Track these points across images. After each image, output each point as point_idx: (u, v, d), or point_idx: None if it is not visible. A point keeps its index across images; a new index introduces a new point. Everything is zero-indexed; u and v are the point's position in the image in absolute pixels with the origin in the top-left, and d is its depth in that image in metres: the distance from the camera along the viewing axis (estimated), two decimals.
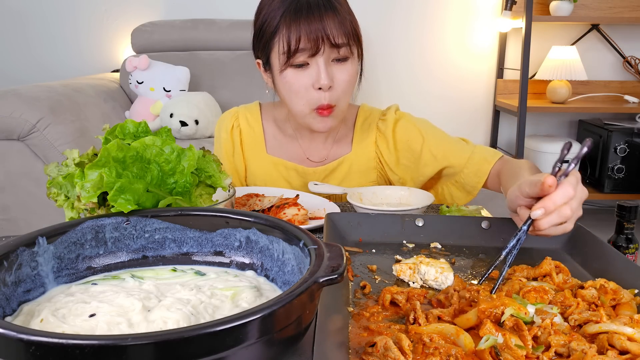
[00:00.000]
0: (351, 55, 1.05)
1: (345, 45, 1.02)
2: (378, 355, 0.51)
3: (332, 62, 1.04)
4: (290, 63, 1.02)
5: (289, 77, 1.04)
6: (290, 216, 0.95)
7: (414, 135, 1.17)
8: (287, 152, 1.22)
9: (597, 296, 0.63)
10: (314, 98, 1.04)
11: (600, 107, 2.82)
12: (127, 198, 0.62)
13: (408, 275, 0.71)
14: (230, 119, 1.24)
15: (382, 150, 1.20)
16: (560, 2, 2.72)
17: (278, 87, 1.10)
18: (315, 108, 1.05)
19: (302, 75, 1.03)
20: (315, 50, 1.00)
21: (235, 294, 0.57)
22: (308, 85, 1.04)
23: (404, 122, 1.19)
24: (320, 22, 0.99)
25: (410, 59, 2.98)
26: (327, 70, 1.02)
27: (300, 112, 1.08)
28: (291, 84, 1.05)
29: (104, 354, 0.39)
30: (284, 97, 1.09)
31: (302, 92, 1.05)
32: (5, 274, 0.54)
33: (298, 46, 1.00)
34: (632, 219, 1.19)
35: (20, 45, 2.93)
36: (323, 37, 0.99)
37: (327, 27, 0.99)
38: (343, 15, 1.01)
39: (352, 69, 1.06)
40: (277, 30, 1.01)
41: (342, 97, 1.06)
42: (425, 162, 1.16)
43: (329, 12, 1.00)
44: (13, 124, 1.95)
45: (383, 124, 1.20)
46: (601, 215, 3.09)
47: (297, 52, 1.00)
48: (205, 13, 2.85)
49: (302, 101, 1.06)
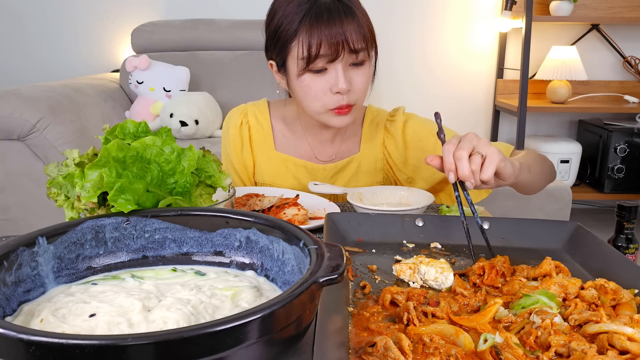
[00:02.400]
0: (367, 59, 1.06)
1: (363, 49, 1.02)
2: (378, 355, 0.51)
3: (350, 66, 1.04)
4: (310, 68, 1.02)
5: (306, 81, 1.04)
6: (290, 216, 0.95)
7: (425, 135, 1.18)
8: (296, 150, 1.22)
9: (597, 296, 0.63)
10: (332, 100, 1.05)
11: (600, 107, 2.82)
12: (127, 198, 0.62)
13: (408, 275, 0.71)
14: (239, 116, 1.24)
15: (390, 151, 1.20)
16: (560, 2, 2.72)
17: (294, 90, 1.10)
18: (332, 108, 1.06)
19: (321, 80, 1.03)
20: (335, 56, 1.00)
21: (235, 294, 0.57)
22: (326, 89, 1.04)
23: (413, 123, 1.20)
24: (340, 27, 0.99)
25: (410, 59, 2.98)
26: (346, 75, 1.02)
27: (315, 111, 1.08)
28: (309, 87, 1.05)
29: (104, 354, 0.39)
30: (300, 99, 1.09)
31: (319, 96, 1.05)
32: (5, 274, 0.54)
33: (318, 52, 0.99)
34: (632, 219, 1.19)
35: (20, 45, 2.93)
36: (343, 42, 0.99)
37: (347, 33, 0.99)
38: (361, 19, 1.01)
39: (368, 71, 1.07)
40: (296, 35, 1.01)
41: (359, 97, 1.08)
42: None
43: (348, 17, 1.00)
44: (13, 124, 1.95)
45: (392, 124, 1.20)
46: (601, 215, 3.10)
47: (317, 57, 1.00)
48: (205, 13, 2.85)
49: (319, 103, 1.06)
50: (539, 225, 0.83)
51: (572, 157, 2.79)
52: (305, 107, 1.09)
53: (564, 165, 2.79)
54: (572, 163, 2.80)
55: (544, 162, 1.06)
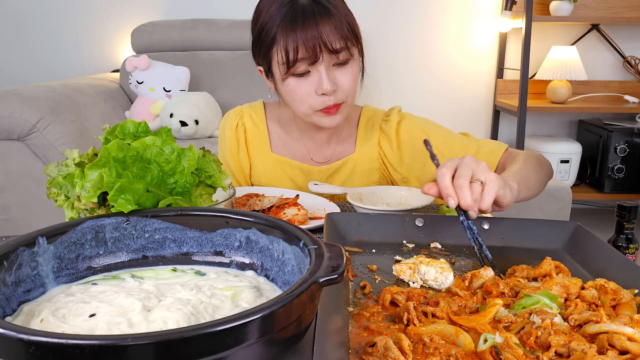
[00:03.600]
0: (351, 57, 1.04)
1: (343, 49, 1.01)
2: (378, 355, 0.51)
3: (333, 66, 1.03)
4: (291, 73, 1.02)
5: (291, 85, 1.04)
6: (290, 216, 0.95)
7: (418, 134, 1.18)
8: (292, 151, 1.23)
9: (597, 296, 0.63)
10: (319, 102, 1.04)
11: (600, 107, 2.82)
12: (127, 198, 0.62)
13: (408, 275, 0.71)
14: (235, 118, 1.25)
15: (386, 150, 1.20)
16: (560, 2, 2.72)
17: (281, 94, 1.10)
18: (320, 109, 1.05)
19: (305, 83, 1.03)
20: (314, 59, 1.00)
21: (235, 294, 0.57)
22: (311, 92, 1.03)
23: (407, 122, 1.20)
24: (315, 29, 0.98)
25: (410, 59, 2.98)
26: (329, 75, 1.02)
27: (304, 114, 1.08)
28: (294, 92, 1.04)
29: (104, 354, 0.39)
30: (288, 102, 1.09)
31: (305, 98, 1.05)
32: (5, 274, 0.54)
33: (297, 56, 0.99)
34: (632, 219, 1.19)
35: (20, 45, 2.93)
36: (320, 45, 0.98)
37: (323, 34, 0.98)
38: (339, 19, 1.00)
39: (353, 70, 1.06)
40: (275, 41, 1.01)
41: (348, 95, 1.07)
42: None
43: (324, 18, 0.99)
44: (13, 124, 1.95)
45: (386, 124, 1.20)
46: (601, 215, 3.10)
47: (297, 62, 1.00)
48: (205, 13, 2.85)
49: (306, 106, 1.06)
50: (539, 225, 0.83)
51: (572, 157, 2.79)
52: (294, 111, 1.10)
53: (564, 165, 2.79)
54: (572, 163, 2.80)
55: (540, 169, 1.03)
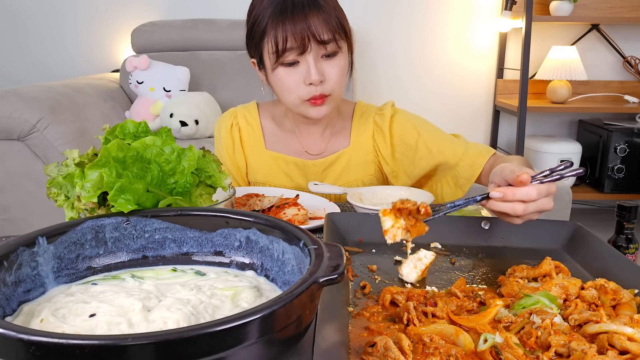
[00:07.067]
0: (339, 50, 1.08)
1: (331, 40, 1.05)
2: (378, 355, 0.51)
3: (322, 58, 1.07)
4: (281, 62, 1.06)
5: (280, 75, 1.07)
6: (290, 216, 0.95)
7: (409, 130, 1.20)
8: (286, 146, 1.25)
9: (597, 296, 0.63)
10: (306, 91, 1.07)
11: (600, 107, 2.82)
12: (127, 198, 0.62)
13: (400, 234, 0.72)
14: (229, 118, 1.28)
15: (379, 143, 1.23)
16: (560, 2, 2.72)
17: (272, 84, 1.13)
18: (307, 99, 1.08)
19: (293, 72, 1.06)
20: (302, 49, 1.03)
21: (235, 294, 0.57)
22: (299, 82, 1.07)
23: (399, 117, 1.22)
24: (304, 20, 1.02)
25: (410, 58, 2.98)
26: (317, 66, 1.05)
27: (292, 104, 1.11)
28: (283, 81, 1.08)
29: (104, 354, 0.39)
30: (277, 92, 1.13)
31: (293, 88, 1.08)
32: (5, 274, 0.54)
33: (286, 46, 1.03)
34: (632, 219, 1.19)
35: (20, 45, 2.93)
36: (309, 35, 1.02)
37: (312, 25, 1.02)
38: (328, 12, 1.04)
39: (341, 62, 1.09)
40: (266, 31, 1.05)
41: (335, 87, 1.09)
42: (421, 156, 1.19)
43: (313, 9, 1.02)
44: (13, 124, 1.95)
45: (380, 118, 1.23)
46: (601, 215, 3.09)
47: (286, 51, 1.03)
48: (205, 13, 2.85)
49: (294, 95, 1.09)
50: (538, 225, 0.83)
51: (572, 157, 2.79)
52: (284, 101, 1.13)
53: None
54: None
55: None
